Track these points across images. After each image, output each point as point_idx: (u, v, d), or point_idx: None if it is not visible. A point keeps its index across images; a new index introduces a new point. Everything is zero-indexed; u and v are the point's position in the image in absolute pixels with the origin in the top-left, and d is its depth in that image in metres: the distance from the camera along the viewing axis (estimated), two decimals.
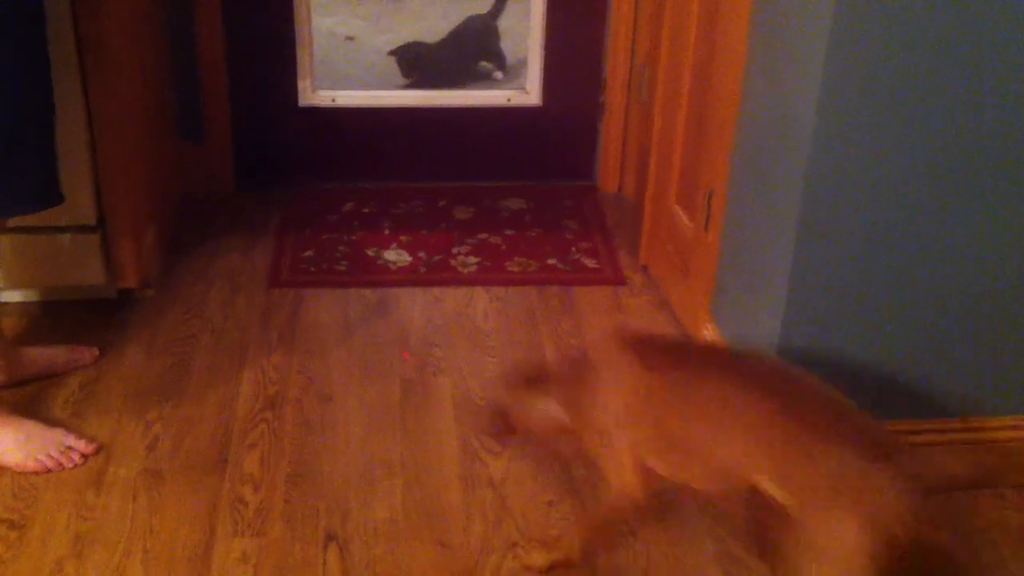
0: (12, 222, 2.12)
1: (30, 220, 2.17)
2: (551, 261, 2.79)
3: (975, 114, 1.73)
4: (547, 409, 1.77)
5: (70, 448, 2.01)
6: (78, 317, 2.44)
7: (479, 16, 3.48)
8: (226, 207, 3.01)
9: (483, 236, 2.89)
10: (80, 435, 2.05)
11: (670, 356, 1.70)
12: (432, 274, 2.72)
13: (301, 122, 3.08)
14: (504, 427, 1.89)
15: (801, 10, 1.78)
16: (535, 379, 1.84)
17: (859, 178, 1.77)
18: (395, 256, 2.78)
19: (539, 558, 1.79)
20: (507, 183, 3.14)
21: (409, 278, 2.70)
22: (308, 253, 2.78)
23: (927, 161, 1.76)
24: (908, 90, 1.71)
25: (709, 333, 2.26)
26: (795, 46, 1.81)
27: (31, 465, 1.98)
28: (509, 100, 3.12)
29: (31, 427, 2.03)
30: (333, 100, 3.08)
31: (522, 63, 3.19)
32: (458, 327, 2.50)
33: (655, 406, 1.62)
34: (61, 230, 2.31)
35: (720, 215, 2.20)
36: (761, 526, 1.70)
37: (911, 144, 1.75)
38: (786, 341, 1.89)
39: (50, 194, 1.98)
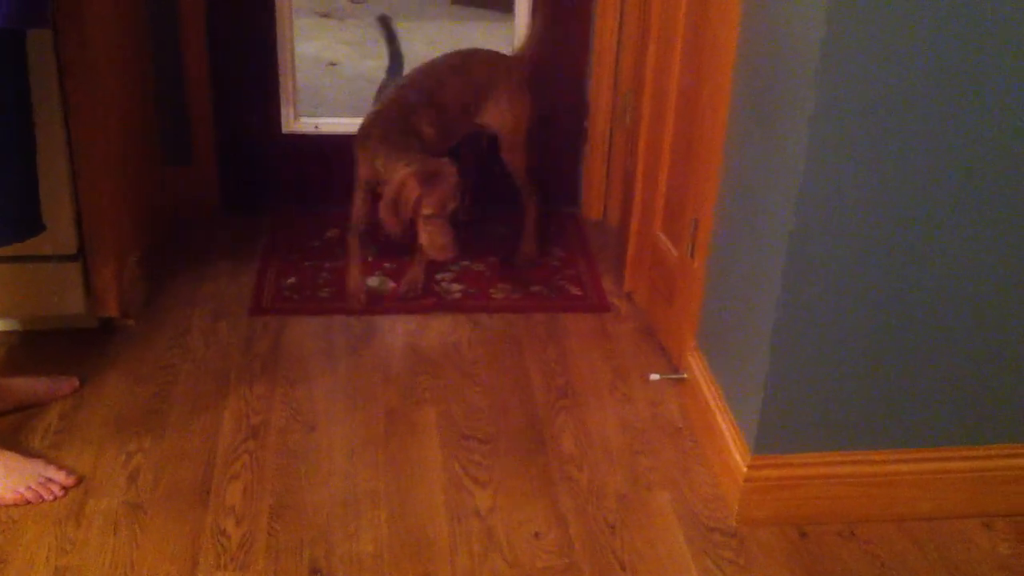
0: None
1: (9, 249, 2.14)
2: (535, 288, 2.78)
3: (970, 139, 1.73)
4: None
5: (50, 480, 1.99)
6: (59, 347, 2.41)
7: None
8: (209, 232, 3.00)
9: (466, 263, 2.88)
10: (60, 467, 2.02)
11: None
12: (415, 301, 2.70)
13: (285, 148, 3.07)
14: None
15: (790, 36, 1.78)
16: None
17: (850, 207, 1.76)
18: (378, 283, 2.77)
19: None
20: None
21: (393, 305, 2.68)
22: (291, 280, 2.76)
23: (921, 187, 1.75)
24: (901, 115, 1.70)
25: (695, 361, 2.25)
26: (784, 72, 1.81)
27: (10, 497, 1.95)
28: None
29: (9, 458, 2.00)
30: (316, 127, 3.07)
31: None
32: (442, 355, 2.49)
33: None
34: (41, 259, 2.29)
35: (706, 243, 2.19)
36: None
37: (905, 171, 1.74)
38: (775, 371, 1.88)
39: (32, 223, 1.96)
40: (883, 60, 1.66)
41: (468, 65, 2.77)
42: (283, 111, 3.03)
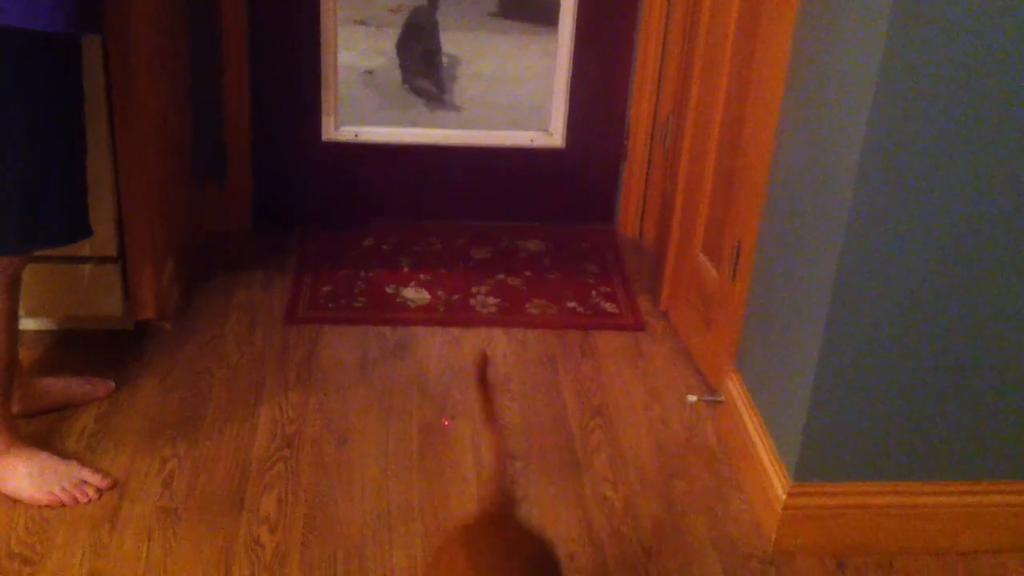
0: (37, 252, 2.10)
1: (52, 249, 2.15)
2: (571, 304, 2.77)
3: (1020, 182, 1.72)
4: None
5: (84, 482, 1.98)
6: (94, 348, 2.41)
7: (422, 8, 3.68)
8: (245, 241, 2.99)
9: (501, 277, 2.87)
10: (95, 469, 2.02)
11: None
12: (451, 314, 2.69)
13: (323, 158, 3.07)
14: None
15: (844, 65, 1.77)
16: None
17: (899, 234, 1.74)
18: (414, 294, 2.76)
19: None
20: (526, 224, 3.13)
21: (428, 317, 2.68)
22: (326, 289, 2.76)
23: (971, 219, 1.74)
24: (952, 153, 1.69)
25: (733, 384, 2.23)
26: (836, 101, 1.79)
27: (44, 498, 1.95)
28: (532, 141, 3.11)
29: (45, 459, 1.99)
30: (356, 136, 3.07)
31: (543, 104, 3.18)
32: None
33: None
34: (82, 260, 2.29)
35: (748, 267, 2.18)
36: None
37: (958, 204, 1.72)
38: (818, 398, 1.86)
39: (80, 227, 1.96)
40: (944, 88, 1.65)
41: None
42: (324, 120, 3.03)
